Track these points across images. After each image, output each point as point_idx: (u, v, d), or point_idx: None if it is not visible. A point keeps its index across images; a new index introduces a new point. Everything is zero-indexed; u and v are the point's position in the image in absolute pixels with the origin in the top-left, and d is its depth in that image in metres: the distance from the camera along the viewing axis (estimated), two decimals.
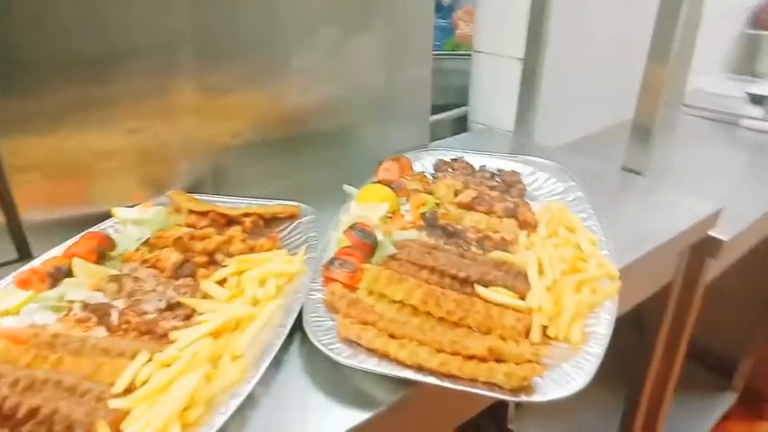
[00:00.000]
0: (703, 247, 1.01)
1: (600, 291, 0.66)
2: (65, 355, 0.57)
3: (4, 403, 0.50)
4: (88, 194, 0.83)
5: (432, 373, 0.54)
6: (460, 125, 1.41)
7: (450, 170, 1.00)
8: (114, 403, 0.50)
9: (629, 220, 0.91)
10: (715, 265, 1.06)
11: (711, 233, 0.98)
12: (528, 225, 0.80)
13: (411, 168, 0.98)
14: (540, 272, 0.69)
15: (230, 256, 0.71)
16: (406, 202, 0.89)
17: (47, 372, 0.54)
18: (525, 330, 0.61)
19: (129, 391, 0.52)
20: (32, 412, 0.50)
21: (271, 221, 0.82)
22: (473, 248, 0.76)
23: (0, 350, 0.57)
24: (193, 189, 0.90)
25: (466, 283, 0.68)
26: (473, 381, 0.54)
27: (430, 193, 0.89)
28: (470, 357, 0.56)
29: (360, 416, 0.54)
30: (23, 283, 0.67)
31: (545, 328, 0.62)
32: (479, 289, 0.66)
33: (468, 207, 0.86)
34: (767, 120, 1.56)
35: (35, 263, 0.72)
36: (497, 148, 1.21)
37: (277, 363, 0.59)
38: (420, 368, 0.55)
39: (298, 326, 0.62)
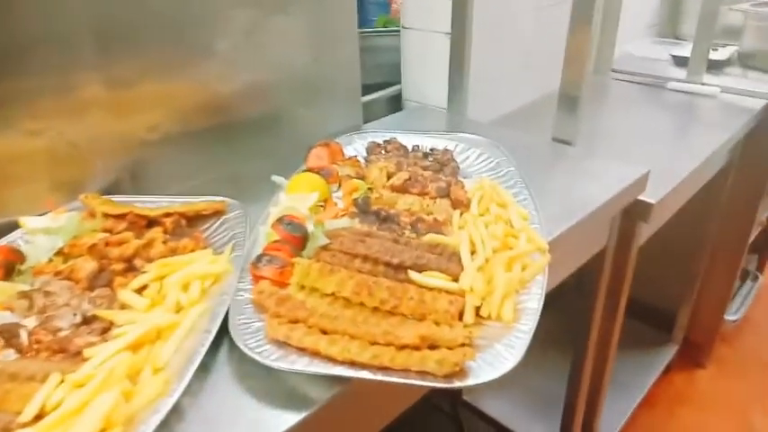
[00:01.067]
0: (634, 212, 1.03)
1: (531, 266, 0.66)
2: None
3: None
4: None
5: (364, 366, 0.53)
6: (396, 104, 1.38)
7: (383, 152, 0.97)
8: None
9: (560, 190, 0.92)
10: (646, 227, 1.09)
11: (641, 197, 1.01)
12: (460, 204, 0.80)
13: (342, 153, 0.96)
14: (473, 251, 0.68)
15: (150, 260, 0.67)
16: (339, 188, 0.86)
17: None
18: (459, 313, 0.61)
19: (39, 417, 0.48)
20: None
21: (195, 220, 0.77)
22: (407, 232, 0.75)
23: None
24: (112, 190, 0.84)
25: (400, 269, 0.66)
26: (406, 371, 0.53)
27: (362, 178, 0.87)
28: (404, 347, 0.55)
29: (294, 417, 0.52)
30: None
31: (478, 308, 0.61)
32: (412, 274, 0.65)
33: (402, 189, 0.85)
34: (691, 81, 1.62)
35: None
36: (431, 126, 1.20)
37: (204, 371, 0.56)
38: (352, 363, 0.53)
39: (226, 330, 0.59)
